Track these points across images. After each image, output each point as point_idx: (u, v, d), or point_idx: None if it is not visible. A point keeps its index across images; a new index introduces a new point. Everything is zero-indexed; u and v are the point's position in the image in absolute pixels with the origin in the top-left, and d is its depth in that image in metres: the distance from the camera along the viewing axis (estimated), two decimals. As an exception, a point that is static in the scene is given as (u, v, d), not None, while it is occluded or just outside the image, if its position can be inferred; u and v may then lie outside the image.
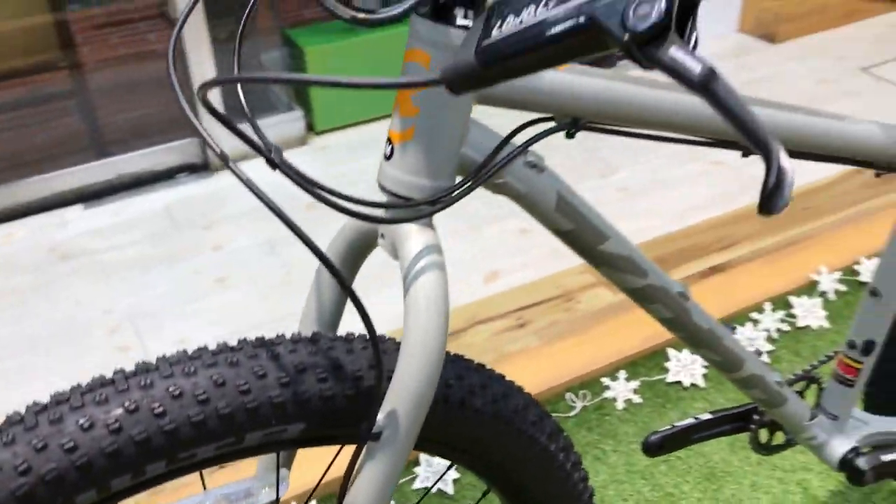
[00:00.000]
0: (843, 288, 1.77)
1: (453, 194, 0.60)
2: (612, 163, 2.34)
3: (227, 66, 2.26)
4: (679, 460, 1.43)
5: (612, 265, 0.73)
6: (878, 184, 2.10)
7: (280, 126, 2.41)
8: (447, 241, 2.05)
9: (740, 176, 2.23)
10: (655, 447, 1.03)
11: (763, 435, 1.07)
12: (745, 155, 0.71)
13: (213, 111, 0.54)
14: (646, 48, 0.36)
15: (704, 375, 1.58)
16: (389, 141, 0.61)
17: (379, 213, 0.62)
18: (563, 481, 0.78)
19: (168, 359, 0.59)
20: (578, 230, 0.69)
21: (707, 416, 1.06)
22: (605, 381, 1.58)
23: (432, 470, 1.42)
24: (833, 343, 1.65)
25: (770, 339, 1.65)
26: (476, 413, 0.69)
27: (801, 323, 1.69)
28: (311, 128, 2.51)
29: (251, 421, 0.58)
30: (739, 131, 0.36)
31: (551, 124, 0.64)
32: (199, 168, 2.34)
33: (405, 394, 0.59)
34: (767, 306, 1.72)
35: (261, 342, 0.61)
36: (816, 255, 1.85)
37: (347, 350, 0.63)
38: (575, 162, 2.35)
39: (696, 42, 0.38)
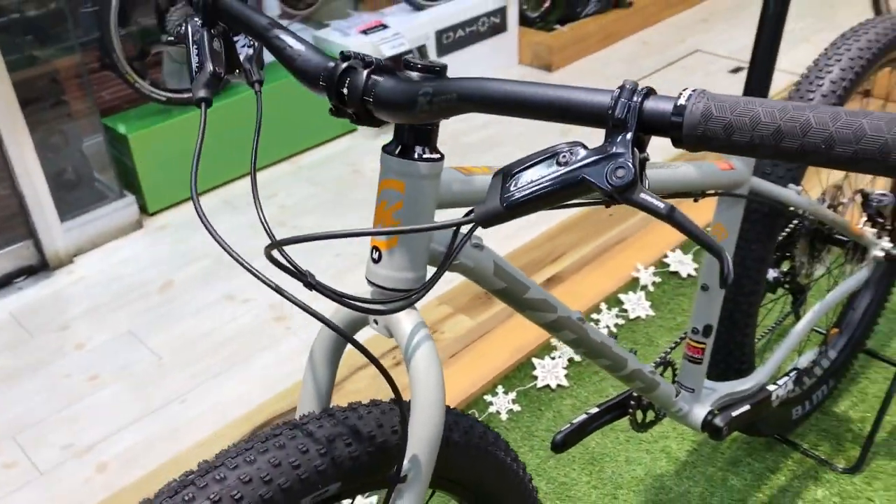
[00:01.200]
0: (658, 280, 2.09)
1: (431, 282, 0.76)
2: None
3: (49, 148, 2.24)
4: (564, 453, 1.66)
5: (532, 307, 0.92)
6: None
7: (116, 213, 2.42)
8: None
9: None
10: (561, 444, 1.24)
11: (639, 416, 1.31)
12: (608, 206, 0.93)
13: (283, 267, 0.66)
14: (623, 195, 0.55)
15: (566, 376, 1.82)
16: (376, 248, 0.76)
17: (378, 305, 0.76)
18: (518, 485, 0.96)
19: (228, 453, 0.70)
20: (509, 286, 0.87)
21: (595, 410, 1.29)
22: (487, 397, 1.78)
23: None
24: (661, 328, 1.95)
25: (611, 334, 1.93)
26: (456, 446, 0.85)
27: (632, 315, 1.98)
28: (144, 210, 2.53)
29: (304, 489, 0.71)
30: (696, 242, 0.56)
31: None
32: (36, 269, 2.31)
33: (421, 441, 0.75)
34: (603, 306, 2.00)
35: (293, 425, 0.74)
36: (633, 255, 2.16)
37: (358, 417, 0.78)
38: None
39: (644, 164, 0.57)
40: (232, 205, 2.60)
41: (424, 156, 0.72)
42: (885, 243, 1.48)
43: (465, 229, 0.66)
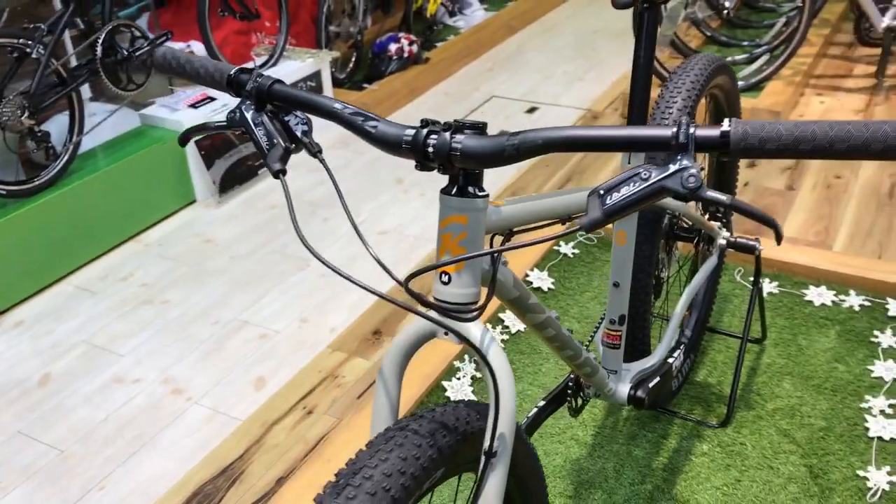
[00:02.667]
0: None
1: (490, 294, 0.93)
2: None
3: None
4: (490, 459, 1.85)
5: (532, 311, 1.12)
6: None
7: (-30, 316, 2.30)
8: (201, 362, 2.21)
9: (425, 201, 2.73)
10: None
11: (575, 402, 1.53)
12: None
13: (417, 297, 0.81)
14: (695, 194, 0.76)
15: (473, 391, 2.02)
16: (445, 273, 0.92)
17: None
18: (539, 473, 1.14)
19: (365, 455, 0.83)
20: (521, 294, 1.07)
21: (541, 403, 1.50)
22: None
23: None
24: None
25: (499, 350, 2.15)
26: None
27: (513, 330, 2.23)
28: (-6, 309, 2.42)
29: (425, 475, 0.86)
30: (758, 221, 0.80)
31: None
32: None
33: (504, 423, 0.91)
34: (488, 325, 2.23)
35: (400, 426, 0.88)
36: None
37: (441, 415, 0.93)
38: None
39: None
40: (89, 290, 2.55)
41: (479, 193, 0.90)
42: (725, 233, 1.84)
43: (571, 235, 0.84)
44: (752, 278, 2.02)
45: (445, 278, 0.93)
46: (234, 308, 2.46)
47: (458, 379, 2.05)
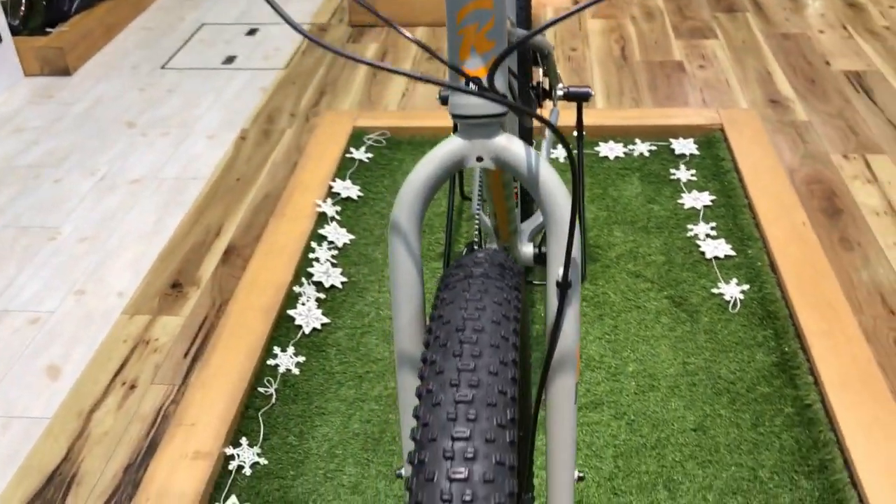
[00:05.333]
0: (339, 208, 2.16)
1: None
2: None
3: None
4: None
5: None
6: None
7: None
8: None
9: (172, 140, 2.38)
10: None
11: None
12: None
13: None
14: None
15: (322, 313, 1.81)
16: (466, 79, 0.73)
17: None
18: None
19: (455, 309, 0.65)
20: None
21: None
22: (229, 450, 1.52)
23: None
24: (367, 244, 2.04)
25: (332, 264, 1.96)
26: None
27: (339, 244, 2.03)
28: None
29: (517, 317, 0.70)
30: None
31: None
32: None
33: (576, 250, 0.77)
34: (315, 244, 2.01)
35: (464, 274, 0.70)
36: (308, 197, 2.18)
37: (489, 255, 0.76)
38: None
39: None
40: None
41: None
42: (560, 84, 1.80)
43: None
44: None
45: (471, 85, 0.75)
46: None
47: (303, 304, 1.83)
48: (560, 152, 2.31)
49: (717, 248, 1.92)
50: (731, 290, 1.80)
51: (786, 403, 1.54)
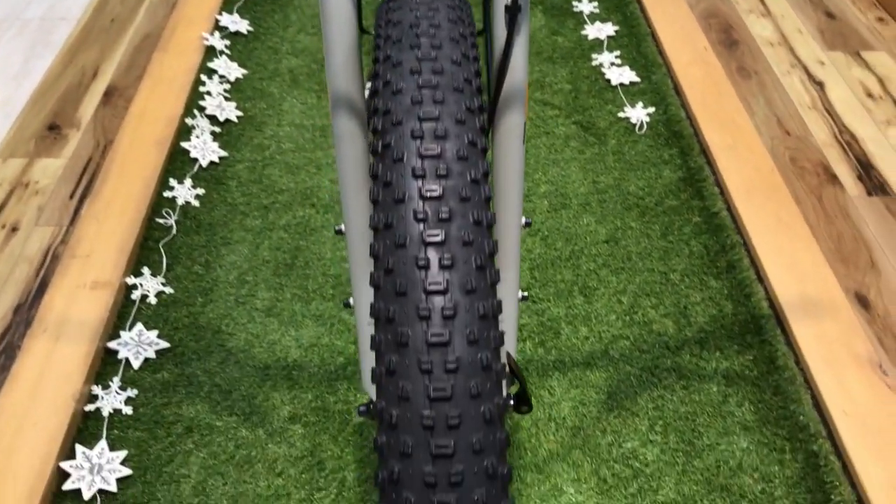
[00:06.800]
0: (228, 42, 2.02)
1: None
2: None
3: None
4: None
5: None
6: None
7: None
8: None
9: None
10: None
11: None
12: None
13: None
14: None
15: (218, 132, 1.71)
16: None
17: None
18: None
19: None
20: None
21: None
22: (131, 280, 1.57)
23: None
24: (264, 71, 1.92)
25: (227, 98, 1.84)
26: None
27: (232, 78, 1.90)
28: None
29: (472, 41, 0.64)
30: None
31: None
32: None
33: None
34: (205, 77, 1.87)
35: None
36: (194, 30, 2.02)
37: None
38: None
39: None
40: None
41: None
42: None
43: None
44: None
45: None
46: None
47: (198, 137, 1.71)
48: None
49: (621, 75, 1.91)
50: (637, 114, 1.80)
51: (693, 213, 1.57)
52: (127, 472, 1.15)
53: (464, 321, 0.50)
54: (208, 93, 1.84)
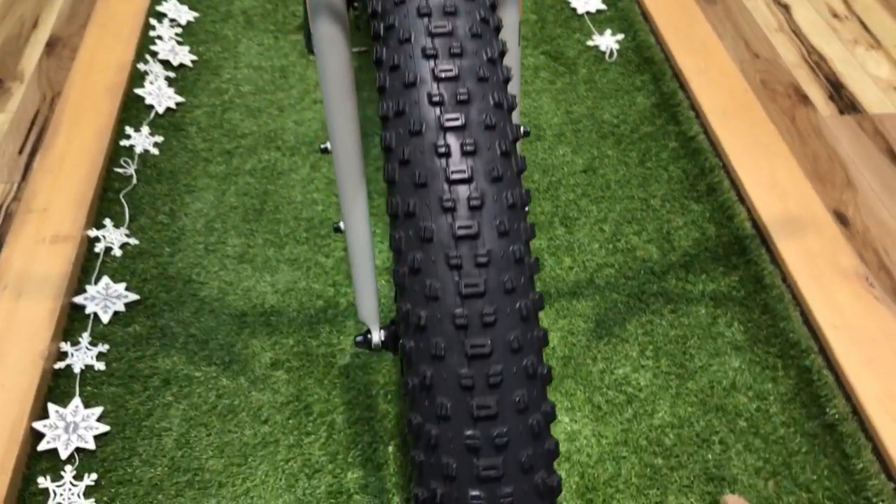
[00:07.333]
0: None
1: None
2: None
3: None
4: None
5: None
6: None
7: None
8: None
9: None
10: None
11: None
12: None
13: None
14: None
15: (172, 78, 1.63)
16: None
17: None
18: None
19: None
20: None
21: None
22: (93, 232, 1.49)
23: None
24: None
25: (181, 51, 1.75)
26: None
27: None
28: None
29: None
30: None
31: None
32: None
33: None
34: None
35: None
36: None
37: None
38: None
39: None
40: None
41: None
42: None
43: None
44: None
45: None
46: None
47: (152, 83, 1.63)
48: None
49: (587, 3, 1.86)
50: (607, 41, 1.76)
51: (670, 139, 1.54)
52: (104, 428, 1.10)
53: (492, 211, 0.46)
54: (159, 37, 1.75)
